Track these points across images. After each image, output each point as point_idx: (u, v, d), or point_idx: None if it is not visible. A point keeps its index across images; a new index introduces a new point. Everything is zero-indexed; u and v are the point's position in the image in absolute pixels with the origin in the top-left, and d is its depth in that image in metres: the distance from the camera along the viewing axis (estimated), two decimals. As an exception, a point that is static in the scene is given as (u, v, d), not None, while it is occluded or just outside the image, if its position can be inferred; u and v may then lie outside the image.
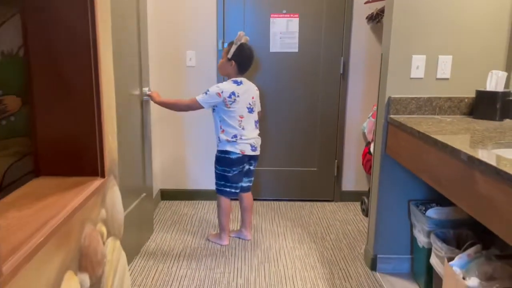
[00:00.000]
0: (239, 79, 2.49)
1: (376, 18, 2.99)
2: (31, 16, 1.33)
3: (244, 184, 2.64)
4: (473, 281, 1.50)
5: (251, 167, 2.62)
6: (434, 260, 1.92)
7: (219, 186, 2.58)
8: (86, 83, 1.38)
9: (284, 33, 3.16)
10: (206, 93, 2.42)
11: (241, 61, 2.46)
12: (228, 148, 2.48)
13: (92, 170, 1.46)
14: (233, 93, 2.41)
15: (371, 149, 2.80)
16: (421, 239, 2.09)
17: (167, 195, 3.38)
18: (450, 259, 1.69)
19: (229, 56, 2.44)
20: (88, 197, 1.33)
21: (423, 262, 2.08)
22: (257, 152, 2.57)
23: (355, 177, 3.36)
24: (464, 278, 1.56)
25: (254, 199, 3.32)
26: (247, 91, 2.49)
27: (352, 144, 3.32)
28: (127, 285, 1.69)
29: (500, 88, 2.04)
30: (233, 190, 2.57)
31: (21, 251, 0.94)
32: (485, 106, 2.07)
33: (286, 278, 2.25)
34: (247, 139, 2.48)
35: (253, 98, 2.53)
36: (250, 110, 2.50)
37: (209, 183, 3.18)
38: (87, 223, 1.34)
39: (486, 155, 1.37)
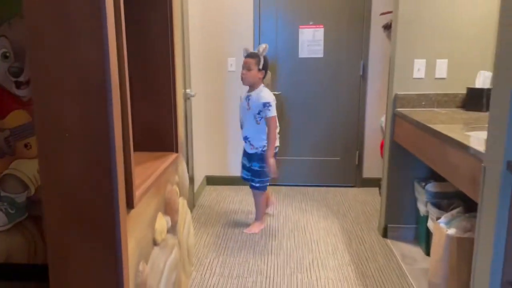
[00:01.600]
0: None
1: (390, 27, 3.46)
2: (131, 35, 1.93)
3: None
4: (452, 230, 1.98)
5: None
6: (430, 224, 2.40)
7: (264, 182, 2.91)
8: (167, 84, 1.97)
9: (311, 41, 3.69)
10: (271, 107, 2.79)
11: (267, 69, 2.86)
12: (276, 143, 2.87)
13: (170, 147, 2.05)
14: (274, 99, 2.85)
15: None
16: (422, 209, 2.57)
17: (211, 180, 3.96)
18: (438, 218, 2.17)
19: (261, 67, 2.80)
20: (169, 165, 1.91)
21: (424, 228, 2.56)
22: None
23: (374, 165, 3.83)
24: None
25: (285, 185, 3.87)
26: None
27: (371, 136, 3.80)
28: (192, 233, 2.27)
29: (487, 85, 2.49)
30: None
31: (141, 188, 1.52)
32: (474, 100, 2.53)
33: (312, 242, 2.78)
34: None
35: None
36: None
37: (247, 170, 3.74)
38: (169, 183, 1.92)
39: (455, 134, 1.86)
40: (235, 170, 3.91)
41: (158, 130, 2.03)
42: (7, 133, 2.19)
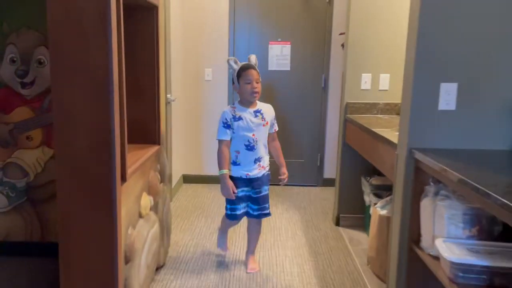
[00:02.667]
0: None
1: (348, 45, 3.96)
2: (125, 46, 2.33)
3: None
4: (384, 212, 2.44)
5: None
6: (371, 210, 2.85)
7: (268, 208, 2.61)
8: (152, 88, 2.38)
9: (279, 56, 4.16)
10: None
11: None
12: None
13: (153, 140, 2.45)
14: None
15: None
16: (367, 200, 3.03)
17: (188, 179, 4.35)
18: (376, 204, 2.63)
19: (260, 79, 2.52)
20: (152, 154, 2.31)
21: (368, 216, 3.01)
22: None
23: (334, 167, 4.29)
24: (380, 213, 2.50)
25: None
26: None
27: (331, 141, 4.27)
28: (170, 215, 2.65)
29: (420, 96, 2.99)
30: None
31: (131, 168, 1.91)
32: (410, 108, 3.02)
33: (275, 229, 3.20)
34: None
35: None
36: None
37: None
38: (151, 170, 2.32)
39: (384, 133, 2.32)
40: (209, 169, 4.32)
41: (144, 125, 2.43)
42: (11, 126, 2.54)
